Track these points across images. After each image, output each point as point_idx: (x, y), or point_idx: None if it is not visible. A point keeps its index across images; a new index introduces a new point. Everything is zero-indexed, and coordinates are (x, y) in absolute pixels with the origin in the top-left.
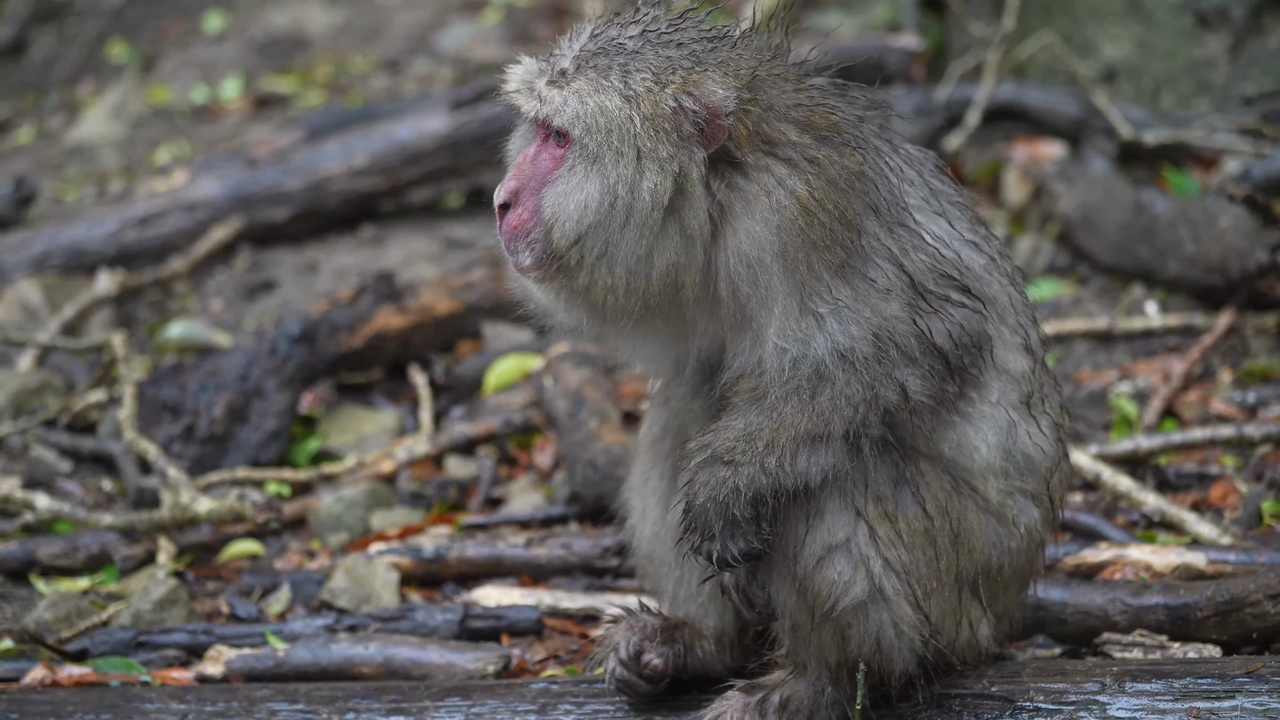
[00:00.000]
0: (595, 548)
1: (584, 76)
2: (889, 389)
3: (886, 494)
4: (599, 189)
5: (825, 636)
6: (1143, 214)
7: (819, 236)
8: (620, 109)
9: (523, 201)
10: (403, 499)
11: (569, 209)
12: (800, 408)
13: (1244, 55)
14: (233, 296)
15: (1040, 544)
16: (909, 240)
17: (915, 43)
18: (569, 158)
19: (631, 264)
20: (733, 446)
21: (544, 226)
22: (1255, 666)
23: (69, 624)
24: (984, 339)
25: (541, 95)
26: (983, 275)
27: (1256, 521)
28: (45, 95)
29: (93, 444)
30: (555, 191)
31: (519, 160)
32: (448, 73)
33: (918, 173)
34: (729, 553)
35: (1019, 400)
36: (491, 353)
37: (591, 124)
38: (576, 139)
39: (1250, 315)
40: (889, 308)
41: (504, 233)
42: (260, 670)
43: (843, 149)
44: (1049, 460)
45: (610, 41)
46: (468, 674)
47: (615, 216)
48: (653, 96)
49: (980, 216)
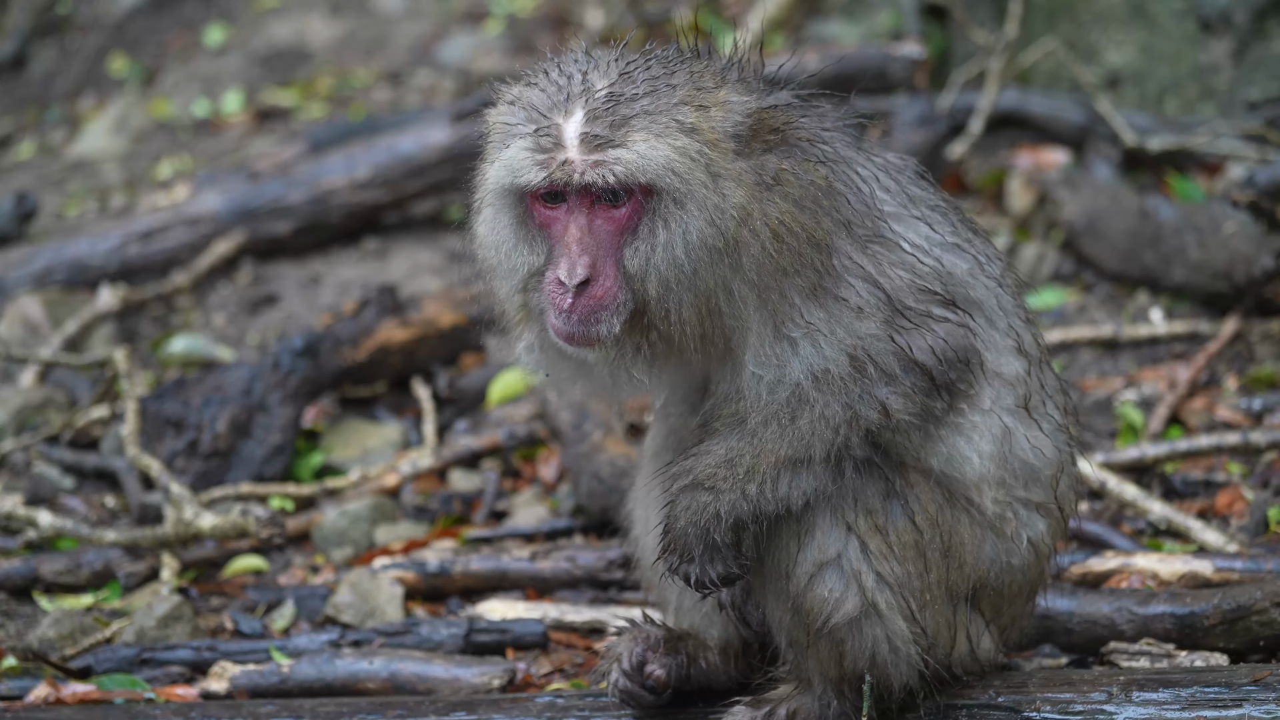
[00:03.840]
0: (600, 560)
1: (631, 126)
2: (869, 408)
3: (877, 507)
4: (698, 226)
5: (823, 652)
6: (1147, 220)
7: (788, 262)
8: (685, 145)
9: (604, 271)
10: (407, 513)
11: (663, 259)
12: (780, 432)
13: (1248, 60)
14: (236, 311)
15: (1048, 555)
16: (885, 254)
17: (918, 51)
18: (649, 211)
19: (704, 292)
20: (714, 473)
21: (630, 288)
22: (1262, 674)
23: (73, 641)
24: (970, 352)
25: (602, 161)
26: (967, 280)
27: (1263, 529)
28: (47, 110)
29: (96, 460)
30: (641, 250)
31: (567, 239)
32: (450, 84)
33: (895, 180)
34: (707, 576)
35: (1015, 404)
36: (495, 365)
37: (662, 171)
38: (658, 191)
39: (1256, 321)
40: (864, 327)
41: (580, 310)
42: (265, 686)
43: (805, 164)
44: (1052, 466)
45: (624, 92)
46: (473, 688)
47: (712, 245)
48: (701, 119)
49: (965, 218)
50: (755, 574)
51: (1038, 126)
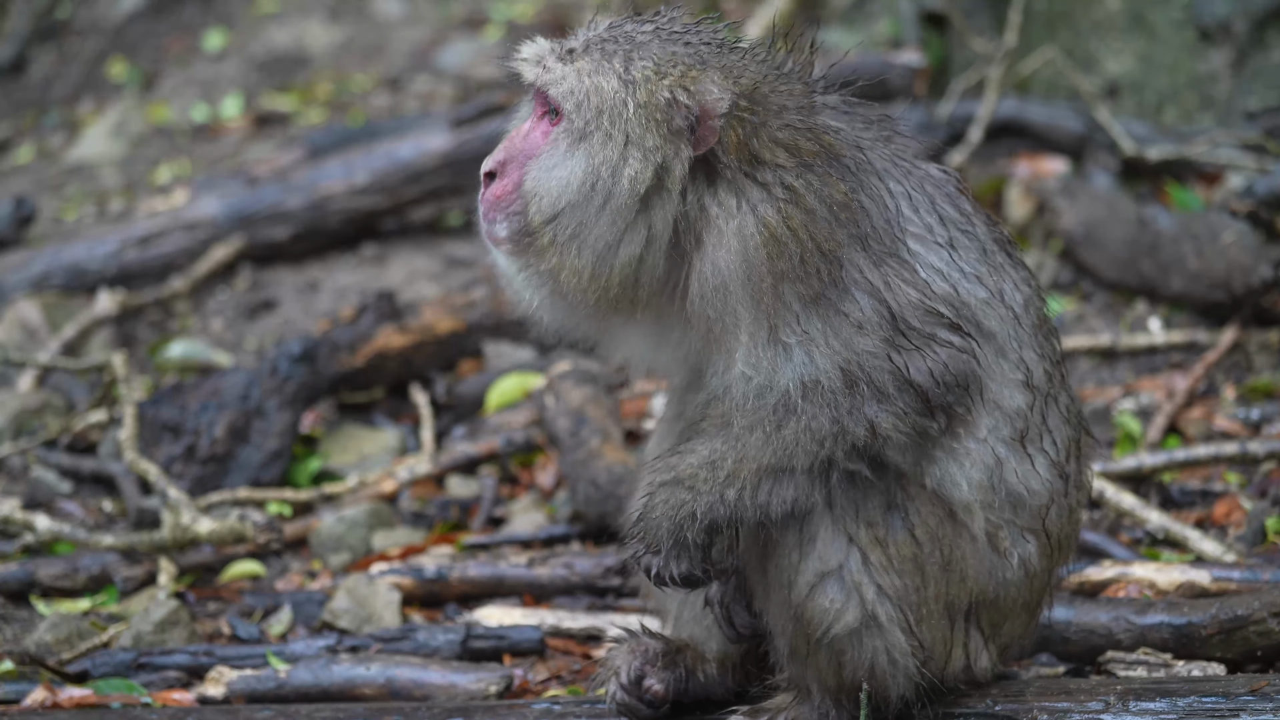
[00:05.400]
0: (598, 567)
1: (588, 56)
2: (857, 424)
3: (878, 519)
4: (582, 168)
5: (822, 662)
6: (1146, 230)
7: (787, 267)
8: (615, 91)
9: (508, 173)
10: (404, 519)
11: (550, 185)
12: (765, 440)
13: (1247, 70)
14: (234, 316)
15: (1040, 574)
16: (898, 273)
17: (917, 59)
18: (557, 134)
19: (600, 250)
20: (695, 473)
21: (523, 200)
22: (1260, 685)
23: (69, 645)
24: (971, 379)
25: (546, 66)
26: (982, 309)
27: (1261, 539)
28: (45, 114)
29: (93, 464)
30: (539, 166)
31: (513, 133)
32: (449, 90)
33: (929, 199)
34: (669, 571)
35: (1010, 436)
36: (493, 371)
37: (584, 101)
38: (567, 114)
39: (1254, 331)
40: (862, 342)
41: (484, 201)
42: (262, 691)
43: (827, 176)
44: (1039, 499)
45: (623, 32)
46: (470, 695)
47: (594, 199)
48: (649, 85)
49: (1003, 241)
50: (758, 582)
51: (1036, 135)
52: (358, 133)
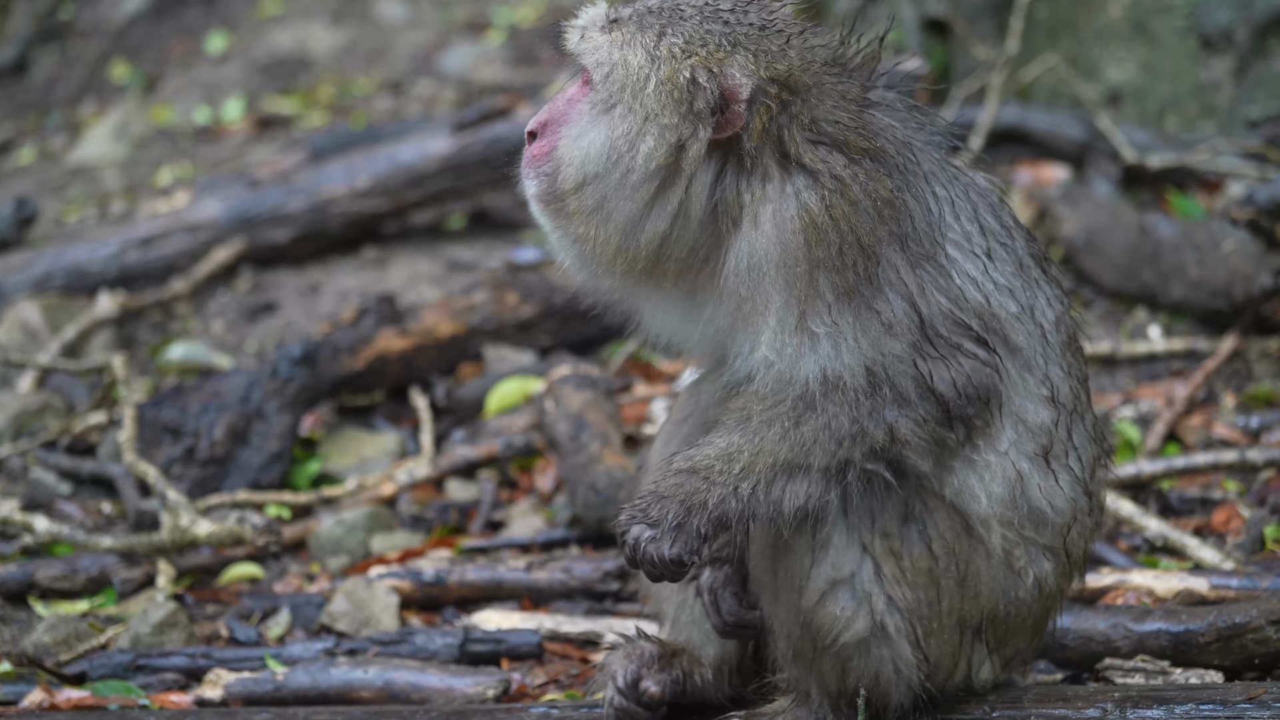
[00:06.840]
0: (596, 571)
1: (626, 28)
2: (877, 428)
3: (894, 530)
4: (602, 140)
5: (826, 668)
6: (1147, 237)
7: (825, 255)
8: (641, 66)
9: (547, 134)
10: (403, 522)
11: (574, 154)
12: (782, 435)
13: (1249, 78)
14: (234, 318)
15: (1054, 594)
16: (933, 279)
17: (919, 66)
18: (586, 103)
19: (623, 224)
20: (711, 464)
21: (555, 163)
22: (1258, 692)
23: (67, 647)
24: (992, 393)
25: (586, 34)
26: (1011, 323)
27: (1259, 546)
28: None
29: (93, 466)
30: (569, 134)
31: (557, 96)
32: (451, 94)
33: (972, 207)
34: (659, 550)
35: (1035, 452)
36: (493, 375)
37: (611, 73)
38: (595, 85)
39: (1254, 339)
40: (890, 344)
41: (525, 159)
42: (259, 694)
43: (875, 171)
44: (1063, 517)
45: (672, 4)
46: (467, 698)
47: (613, 172)
48: (674, 63)
49: (1039, 257)
50: (766, 583)
51: (1038, 142)
52: (359, 136)
